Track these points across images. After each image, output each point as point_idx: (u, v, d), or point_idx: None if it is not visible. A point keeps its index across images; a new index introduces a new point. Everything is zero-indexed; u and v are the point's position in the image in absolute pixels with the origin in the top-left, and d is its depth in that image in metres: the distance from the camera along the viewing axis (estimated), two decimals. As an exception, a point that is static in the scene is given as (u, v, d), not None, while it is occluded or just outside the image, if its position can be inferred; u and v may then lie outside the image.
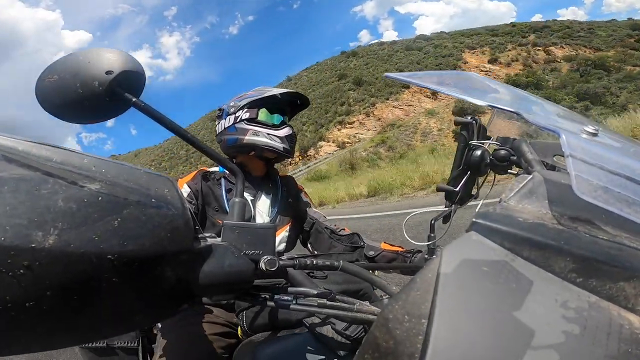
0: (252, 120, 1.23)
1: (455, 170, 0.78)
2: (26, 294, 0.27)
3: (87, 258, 0.29)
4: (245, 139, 1.22)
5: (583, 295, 0.27)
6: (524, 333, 0.24)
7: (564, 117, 0.54)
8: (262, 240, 0.46)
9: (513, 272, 0.27)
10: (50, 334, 0.29)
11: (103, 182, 0.32)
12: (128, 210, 0.32)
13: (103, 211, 0.31)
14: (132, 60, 0.52)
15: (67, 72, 0.49)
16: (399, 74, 0.60)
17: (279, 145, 1.21)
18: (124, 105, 0.51)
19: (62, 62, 0.50)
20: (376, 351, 0.27)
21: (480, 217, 0.31)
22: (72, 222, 0.29)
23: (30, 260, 0.27)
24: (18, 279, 0.26)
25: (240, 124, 1.23)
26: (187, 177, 1.23)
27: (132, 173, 0.35)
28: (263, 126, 1.22)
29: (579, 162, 0.35)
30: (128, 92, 0.50)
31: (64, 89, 0.49)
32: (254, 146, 1.22)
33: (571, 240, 0.30)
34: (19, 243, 0.27)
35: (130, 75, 0.51)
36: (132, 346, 1.14)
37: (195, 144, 0.53)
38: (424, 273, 0.29)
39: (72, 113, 0.51)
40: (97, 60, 0.50)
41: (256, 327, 0.74)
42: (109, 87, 0.49)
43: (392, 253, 1.15)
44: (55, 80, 0.49)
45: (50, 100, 0.50)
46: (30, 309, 0.27)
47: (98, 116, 0.52)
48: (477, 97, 0.52)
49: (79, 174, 0.32)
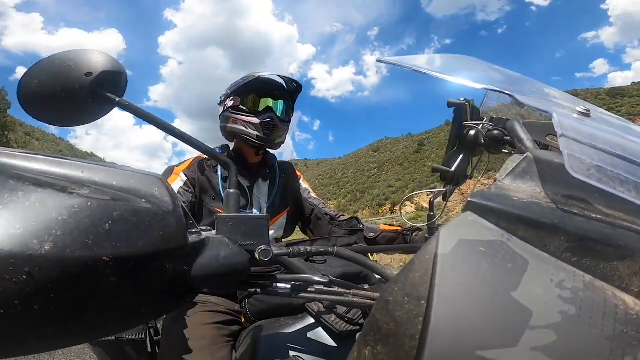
0: (234, 108, 1.24)
1: (450, 152, 0.78)
2: (32, 298, 0.28)
3: (83, 262, 0.30)
4: (228, 127, 1.25)
5: (578, 275, 0.27)
6: (521, 313, 0.24)
7: (557, 98, 0.54)
8: (256, 230, 0.47)
9: (509, 252, 0.28)
10: (60, 334, 0.31)
11: (92, 187, 0.33)
12: (118, 212, 0.33)
13: (94, 216, 0.32)
14: (111, 60, 0.52)
15: (46, 76, 0.49)
16: (390, 58, 0.59)
17: (253, 133, 1.21)
18: (108, 105, 0.51)
19: (40, 66, 0.49)
20: (378, 333, 0.28)
21: (475, 196, 0.32)
22: (65, 229, 0.30)
23: (31, 267, 0.28)
24: (21, 285, 0.27)
25: (226, 112, 1.25)
26: (184, 165, 1.23)
27: (120, 175, 0.36)
28: (242, 114, 1.22)
29: (572, 141, 0.35)
30: (110, 92, 0.50)
31: (46, 94, 0.49)
32: (234, 134, 1.25)
33: (565, 219, 0.30)
34: (18, 251, 0.28)
35: (110, 75, 0.51)
36: (140, 338, 1.16)
37: (187, 139, 0.53)
38: (422, 254, 0.29)
39: (57, 117, 0.51)
40: (75, 62, 0.49)
41: (259, 314, 0.75)
42: (89, 89, 0.49)
43: (392, 233, 1.16)
44: (36, 85, 0.48)
45: (34, 105, 0.49)
46: (38, 312, 0.28)
47: (83, 118, 0.52)
48: (470, 80, 0.52)
49: (67, 181, 0.33)
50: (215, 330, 0.92)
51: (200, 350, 0.85)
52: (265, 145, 1.25)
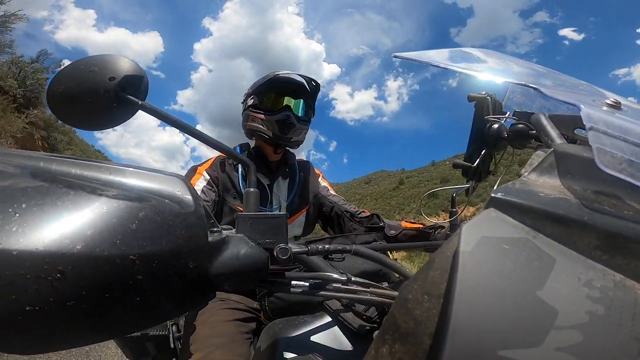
0: (254, 106, 1.26)
1: (471, 147, 0.76)
2: (65, 295, 0.29)
3: (112, 260, 0.31)
4: (247, 124, 1.27)
5: (608, 273, 0.26)
6: (546, 312, 0.23)
7: (584, 90, 0.52)
8: (275, 229, 0.47)
9: (535, 250, 0.27)
10: (89, 330, 0.32)
11: (119, 189, 0.35)
12: (144, 212, 0.34)
13: (121, 216, 0.33)
14: (132, 64, 0.53)
15: (72, 81, 0.51)
16: (407, 53, 0.58)
17: (268, 131, 1.23)
18: (132, 109, 0.53)
19: (66, 71, 0.51)
20: (396, 332, 0.27)
21: (499, 192, 0.30)
22: (95, 229, 0.31)
23: (64, 266, 0.29)
24: (56, 283, 0.29)
25: (247, 111, 1.27)
26: (207, 164, 1.26)
27: (145, 176, 0.38)
28: (261, 112, 1.24)
29: (601, 134, 0.33)
30: (133, 95, 0.52)
31: (72, 98, 0.51)
32: (252, 132, 1.27)
33: (595, 215, 0.29)
34: (52, 251, 0.29)
35: (132, 79, 0.52)
36: (163, 334, 1.20)
37: (206, 140, 0.54)
38: (442, 252, 0.28)
39: (84, 121, 0.53)
40: (99, 67, 0.51)
41: (278, 312, 0.75)
42: (114, 93, 0.51)
43: (413, 230, 1.15)
44: (63, 90, 0.51)
45: (62, 109, 0.52)
46: (71, 308, 0.30)
47: (108, 122, 0.54)
48: (493, 73, 0.50)
49: (97, 183, 0.35)
50: (235, 328, 0.94)
51: (220, 347, 0.86)
52: (281, 143, 1.26)
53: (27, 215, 0.30)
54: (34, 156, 0.36)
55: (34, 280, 0.28)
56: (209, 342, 0.88)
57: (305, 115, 1.30)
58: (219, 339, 0.89)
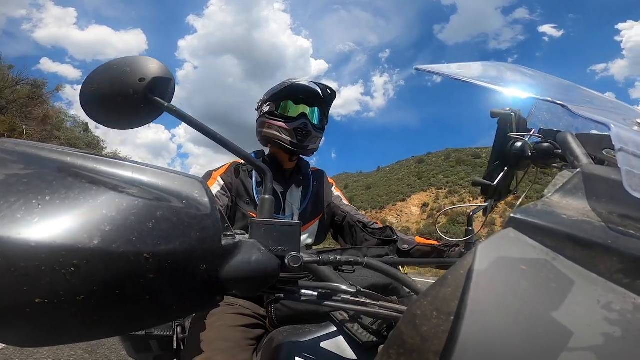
0: (270, 113, 1.26)
1: (492, 164, 0.74)
2: (77, 289, 0.30)
3: (126, 257, 0.32)
4: (263, 132, 1.27)
5: (629, 297, 0.25)
6: (560, 334, 0.23)
7: (614, 108, 0.50)
8: (288, 236, 0.47)
9: (553, 272, 0.26)
10: (98, 325, 0.32)
11: (139, 187, 0.36)
12: (161, 212, 0.35)
13: (139, 214, 0.33)
14: (162, 66, 0.55)
15: (104, 80, 0.53)
16: (429, 66, 0.57)
17: (286, 139, 1.23)
18: (158, 110, 0.54)
19: (99, 71, 0.54)
20: (401, 347, 0.27)
21: (518, 213, 0.30)
22: (113, 225, 0.32)
23: (79, 259, 0.30)
24: (69, 276, 0.29)
25: (262, 118, 1.28)
26: (222, 170, 1.27)
27: (165, 177, 0.38)
28: (277, 119, 1.24)
29: (631, 156, 0.32)
30: (160, 97, 0.53)
31: (104, 98, 0.53)
32: (268, 139, 1.27)
33: (619, 239, 0.27)
34: (69, 244, 0.30)
35: (161, 81, 0.54)
36: (167, 334, 1.20)
37: (226, 144, 0.55)
38: (456, 269, 0.28)
39: (113, 120, 0.55)
40: (130, 68, 0.53)
41: (284, 320, 0.75)
42: (142, 94, 0.52)
43: (427, 247, 1.12)
44: (95, 89, 0.53)
45: (93, 108, 0.54)
46: (81, 302, 0.30)
47: (135, 122, 0.55)
48: (519, 89, 0.49)
49: (119, 180, 0.36)
50: (240, 333, 0.93)
51: (222, 352, 0.86)
52: (298, 151, 1.26)
53: (49, 208, 0.31)
54: (62, 151, 0.37)
55: (48, 273, 0.29)
56: (213, 346, 0.88)
57: (320, 123, 1.31)
58: (224, 343, 0.89)
